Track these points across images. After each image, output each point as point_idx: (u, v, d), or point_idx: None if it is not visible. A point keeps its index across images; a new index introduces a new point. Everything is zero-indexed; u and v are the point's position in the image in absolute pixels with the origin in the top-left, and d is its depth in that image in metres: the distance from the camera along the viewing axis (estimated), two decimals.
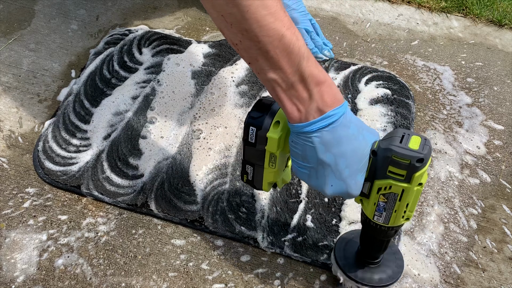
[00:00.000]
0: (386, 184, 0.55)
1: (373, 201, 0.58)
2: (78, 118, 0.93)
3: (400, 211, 0.57)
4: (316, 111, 0.53)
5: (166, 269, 0.75)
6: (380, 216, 0.59)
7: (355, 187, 0.56)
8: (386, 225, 0.60)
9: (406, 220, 0.59)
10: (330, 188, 0.56)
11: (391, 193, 0.56)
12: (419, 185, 0.55)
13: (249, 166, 0.64)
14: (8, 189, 0.84)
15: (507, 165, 0.88)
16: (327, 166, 0.55)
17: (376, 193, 0.57)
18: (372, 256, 0.67)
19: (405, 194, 0.55)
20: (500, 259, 0.77)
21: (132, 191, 0.82)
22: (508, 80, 1.02)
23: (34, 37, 1.09)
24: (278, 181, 0.65)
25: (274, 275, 0.74)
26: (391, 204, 0.57)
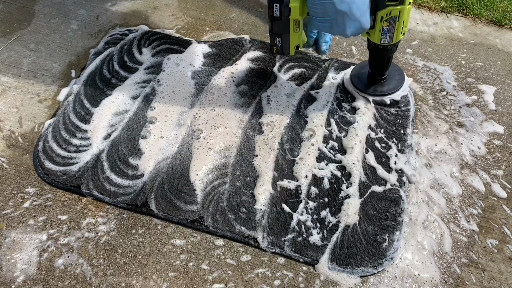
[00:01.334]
0: (386, 12, 0.75)
1: (378, 28, 0.78)
2: (78, 118, 0.93)
3: (399, 29, 0.78)
4: None
5: (166, 269, 0.75)
6: (385, 38, 0.79)
7: (366, 22, 0.75)
8: (390, 43, 0.81)
9: (403, 35, 0.80)
10: (349, 29, 0.74)
11: (392, 17, 0.75)
12: (409, 4, 0.74)
13: (277, 38, 0.81)
14: (8, 189, 0.84)
15: (507, 165, 0.88)
16: (344, 14, 0.72)
17: (380, 21, 0.76)
18: (380, 73, 0.92)
19: (401, 14, 0.75)
20: (500, 259, 0.77)
21: (132, 191, 0.82)
22: (508, 80, 1.02)
23: (34, 37, 1.09)
24: (299, 43, 0.83)
25: (274, 275, 0.74)
26: (392, 26, 0.77)
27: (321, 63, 1.02)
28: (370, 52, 0.87)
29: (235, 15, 1.15)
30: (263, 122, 0.92)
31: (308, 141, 0.89)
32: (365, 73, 0.95)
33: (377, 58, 0.87)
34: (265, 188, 0.82)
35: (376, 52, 0.85)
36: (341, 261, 0.75)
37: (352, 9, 0.72)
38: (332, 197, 0.82)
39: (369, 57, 0.89)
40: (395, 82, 0.94)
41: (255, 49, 1.05)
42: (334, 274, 0.74)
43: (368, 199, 0.81)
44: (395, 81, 0.94)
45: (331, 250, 0.76)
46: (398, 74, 0.95)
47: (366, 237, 0.77)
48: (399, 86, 0.93)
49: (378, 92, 0.93)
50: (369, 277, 0.74)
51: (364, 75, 0.95)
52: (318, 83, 0.98)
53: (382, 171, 0.85)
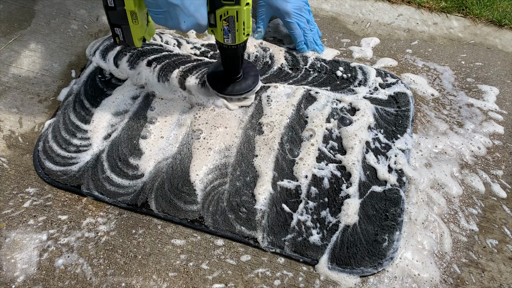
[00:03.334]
0: (224, 11, 0.73)
1: (220, 27, 0.76)
2: (78, 118, 0.93)
3: (240, 29, 0.76)
4: None
5: (166, 269, 0.75)
6: (228, 38, 0.77)
7: (202, 18, 0.72)
8: (234, 44, 0.78)
9: (247, 36, 0.78)
10: (184, 24, 0.72)
11: (230, 17, 0.73)
12: (246, 4, 0.73)
13: (117, 28, 0.77)
14: (8, 189, 0.84)
15: (507, 165, 0.88)
16: (176, 7, 0.70)
17: (220, 20, 0.74)
18: (233, 72, 0.89)
19: (239, 14, 0.73)
20: (500, 259, 0.77)
21: (132, 191, 0.82)
22: (508, 80, 1.02)
23: (34, 37, 1.09)
24: (145, 35, 0.79)
25: (274, 275, 0.74)
26: (232, 26, 0.75)
27: (319, 61, 1.02)
28: (220, 53, 0.85)
29: None
30: (263, 122, 0.92)
31: (308, 141, 0.89)
32: (220, 73, 0.93)
33: (227, 58, 0.85)
34: (265, 188, 0.82)
35: (224, 52, 0.83)
36: (341, 261, 0.75)
37: (184, 3, 0.69)
38: (332, 197, 0.82)
39: (220, 57, 0.87)
40: (250, 81, 0.93)
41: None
42: (334, 274, 0.74)
43: (368, 199, 0.81)
44: (250, 80, 0.93)
45: (331, 250, 0.76)
46: (253, 71, 0.94)
47: (366, 237, 0.77)
48: (255, 83, 0.92)
49: (235, 92, 0.91)
50: (369, 277, 0.74)
51: (219, 74, 0.93)
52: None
53: (382, 171, 0.85)
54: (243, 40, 0.78)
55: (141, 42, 0.80)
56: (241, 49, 0.81)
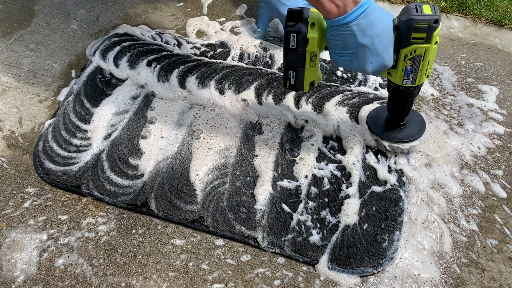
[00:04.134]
0: (411, 50, 0.69)
1: (401, 68, 0.72)
2: (78, 118, 0.93)
3: (423, 70, 0.72)
4: (352, 3, 0.63)
5: (166, 269, 0.75)
6: (408, 79, 0.73)
7: (389, 59, 0.69)
8: (413, 85, 0.74)
9: (426, 77, 0.74)
10: (370, 65, 0.69)
11: (416, 56, 0.69)
12: (435, 43, 0.69)
13: (291, 71, 0.74)
14: (8, 189, 0.84)
15: (507, 165, 0.88)
16: (366, 48, 0.66)
17: (403, 60, 0.71)
18: (399, 119, 0.85)
19: (427, 53, 0.69)
20: (500, 259, 0.77)
21: (132, 191, 0.82)
22: (508, 80, 1.02)
23: (34, 37, 1.09)
24: (314, 79, 0.77)
25: (274, 275, 0.74)
26: (416, 66, 0.71)
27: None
28: (390, 94, 0.81)
29: (236, 15, 1.15)
30: (263, 122, 0.92)
31: (308, 141, 0.89)
32: (382, 117, 0.88)
33: (396, 101, 0.81)
34: (265, 188, 0.82)
35: (396, 94, 0.79)
36: (341, 261, 0.75)
37: (374, 43, 0.66)
38: (332, 197, 0.82)
39: (388, 99, 0.82)
40: (415, 128, 0.87)
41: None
42: (334, 274, 0.74)
43: (368, 199, 0.81)
44: (415, 128, 0.87)
45: (331, 250, 0.76)
46: (419, 121, 0.89)
47: (366, 237, 0.77)
48: (419, 134, 0.87)
49: (398, 138, 0.86)
50: (369, 277, 0.74)
51: (381, 118, 0.88)
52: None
53: (382, 171, 0.85)
54: (423, 81, 0.74)
55: (308, 87, 0.77)
56: (417, 92, 0.77)
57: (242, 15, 1.15)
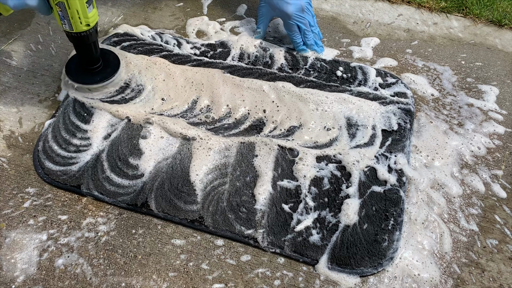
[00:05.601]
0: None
1: (56, 13, 0.74)
2: (78, 118, 0.93)
3: (75, 18, 0.74)
4: None
5: (166, 269, 0.75)
6: (65, 24, 0.76)
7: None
8: (73, 31, 0.76)
9: (87, 26, 0.75)
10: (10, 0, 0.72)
11: (60, 2, 0.71)
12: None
13: None
14: (8, 189, 0.84)
15: (507, 165, 0.88)
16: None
17: (54, 4, 0.73)
18: (88, 62, 0.87)
19: (69, 2, 0.71)
20: (500, 259, 0.77)
21: (132, 191, 0.82)
22: (508, 80, 1.02)
23: (34, 37, 1.09)
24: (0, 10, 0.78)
25: (274, 275, 0.74)
26: (65, 13, 0.73)
27: (318, 61, 1.02)
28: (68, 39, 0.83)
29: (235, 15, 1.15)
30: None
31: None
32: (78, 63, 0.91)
33: (76, 47, 0.83)
34: (265, 188, 0.82)
35: (70, 39, 0.81)
36: (341, 261, 0.75)
37: None
38: (332, 197, 0.82)
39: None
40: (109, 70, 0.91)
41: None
42: (334, 274, 0.74)
43: (368, 199, 0.81)
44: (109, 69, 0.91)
45: (331, 250, 0.76)
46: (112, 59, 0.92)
47: (366, 237, 0.77)
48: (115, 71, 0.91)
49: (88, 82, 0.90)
50: (369, 277, 0.74)
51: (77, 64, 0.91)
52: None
53: (382, 171, 0.85)
54: (81, 29, 0.75)
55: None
56: (85, 38, 0.78)
57: (242, 15, 1.15)
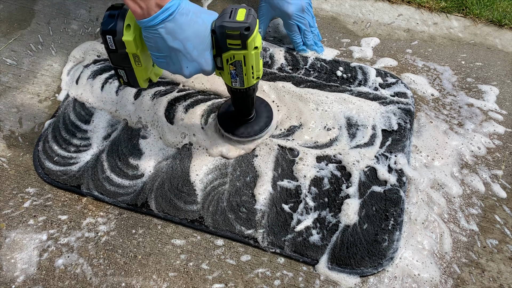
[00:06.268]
0: (230, 55, 0.67)
1: (227, 71, 0.70)
2: (78, 118, 0.93)
3: (248, 73, 0.70)
4: (155, 6, 0.60)
5: (166, 269, 0.75)
6: (236, 82, 0.72)
7: (206, 64, 0.67)
8: (243, 87, 0.73)
9: (257, 79, 0.72)
10: (186, 69, 0.67)
11: (236, 61, 0.67)
12: (255, 48, 0.66)
13: (120, 70, 0.71)
14: (8, 189, 0.84)
15: (507, 165, 0.88)
16: (178, 52, 0.64)
17: (226, 64, 0.68)
18: (244, 114, 0.84)
19: (246, 59, 0.67)
20: (500, 259, 0.77)
21: (132, 191, 0.82)
22: (508, 80, 1.02)
23: (34, 37, 1.09)
24: (151, 76, 0.74)
25: (274, 275, 0.74)
26: (239, 70, 0.69)
27: (318, 61, 1.02)
28: (229, 93, 0.79)
29: None
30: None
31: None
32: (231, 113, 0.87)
33: (236, 100, 0.80)
34: (265, 188, 0.82)
35: (233, 95, 0.78)
36: (341, 261, 0.75)
37: (186, 47, 0.64)
38: (332, 197, 0.82)
39: (231, 98, 0.81)
40: (263, 122, 0.87)
41: None
42: (334, 274, 0.74)
43: (368, 199, 0.81)
44: (262, 122, 0.87)
45: (331, 250, 0.76)
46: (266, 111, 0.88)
47: (366, 237, 0.77)
48: (267, 125, 0.87)
49: (245, 135, 0.85)
50: (369, 277, 0.74)
51: (230, 114, 0.87)
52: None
53: (382, 171, 0.85)
54: (252, 83, 0.73)
55: (147, 83, 0.74)
56: (251, 91, 0.76)
57: None
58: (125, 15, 0.64)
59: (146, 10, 0.60)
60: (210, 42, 0.66)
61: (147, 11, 0.60)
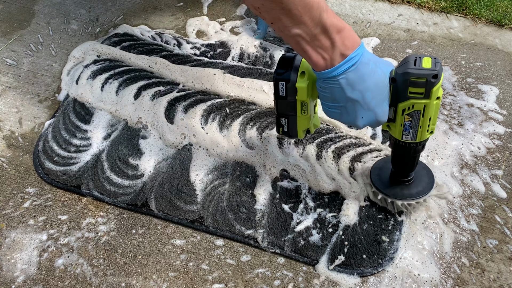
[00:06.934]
0: (409, 104, 0.63)
1: (399, 122, 0.65)
2: (78, 118, 0.93)
3: (424, 126, 0.65)
4: (340, 56, 0.58)
5: (166, 269, 0.75)
6: (408, 135, 0.67)
7: (383, 114, 0.64)
8: (414, 141, 0.67)
9: (430, 133, 0.67)
10: (361, 120, 0.63)
11: (415, 111, 0.63)
12: (437, 99, 0.62)
13: (283, 118, 0.71)
14: (8, 189, 0.84)
15: (507, 165, 0.88)
16: (356, 102, 0.61)
17: (401, 115, 0.64)
18: (405, 174, 0.76)
19: (426, 109, 0.63)
20: (500, 259, 0.77)
21: (132, 191, 0.82)
22: (508, 80, 1.02)
23: (34, 37, 1.09)
24: (310, 127, 0.73)
25: (274, 275, 0.74)
26: (416, 121, 0.65)
27: None
28: (392, 149, 0.73)
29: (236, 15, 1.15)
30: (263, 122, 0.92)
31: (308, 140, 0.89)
32: (387, 171, 0.79)
33: (399, 157, 0.74)
34: (265, 188, 0.82)
35: (398, 150, 0.72)
36: (341, 261, 0.75)
37: (365, 97, 0.61)
38: (332, 197, 0.82)
39: (391, 153, 0.75)
40: (423, 184, 0.78)
41: None
42: (334, 274, 0.74)
43: (368, 199, 0.81)
44: (422, 184, 0.78)
45: (331, 250, 0.76)
46: (428, 176, 0.79)
47: (366, 237, 0.77)
48: (426, 191, 0.78)
49: (405, 196, 0.78)
50: (369, 277, 0.74)
51: (386, 172, 0.79)
52: None
53: None
54: (425, 137, 0.67)
55: (305, 134, 0.73)
56: (420, 148, 0.70)
57: (242, 15, 1.15)
58: (299, 64, 0.65)
59: (329, 61, 0.59)
60: (388, 91, 0.63)
61: (330, 61, 0.59)
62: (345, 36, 0.58)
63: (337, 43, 0.57)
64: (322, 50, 0.58)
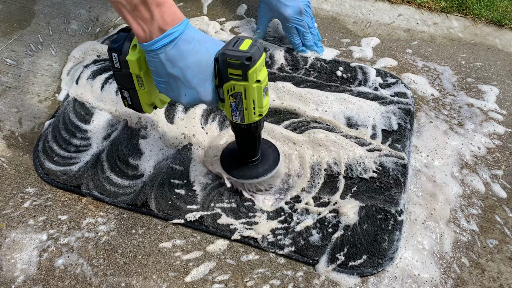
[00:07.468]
0: (230, 86, 0.63)
1: (228, 103, 0.66)
2: (78, 118, 0.93)
3: (250, 108, 0.65)
4: (158, 30, 0.59)
5: (166, 269, 0.75)
6: (236, 116, 0.67)
7: (205, 94, 0.64)
8: (243, 123, 0.68)
9: (259, 116, 0.67)
10: (184, 97, 0.65)
11: (237, 93, 0.64)
12: (257, 82, 0.62)
13: (124, 90, 0.70)
14: (8, 189, 0.84)
15: (507, 165, 0.88)
16: (177, 79, 0.62)
17: (227, 95, 0.65)
18: (248, 155, 0.77)
19: (247, 91, 0.63)
20: (500, 259, 0.77)
21: (132, 191, 0.82)
22: (508, 80, 1.02)
23: (34, 37, 1.09)
24: (156, 102, 0.72)
25: (274, 275, 0.74)
26: (239, 103, 0.65)
27: (318, 61, 1.02)
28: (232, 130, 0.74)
29: (235, 15, 1.15)
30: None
31: None
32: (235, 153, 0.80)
33: (238, 138, 0.75)
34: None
35: (235, 131, 0.73)
36: (341, 261, 0.75)
37: (186, 75, 0.61)
38: (332, 197, 0.82)
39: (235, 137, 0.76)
40: (267, 165, 0.79)
41: None
42: (334, 274, 0.74)
43: (368, 199, 0.81)
44: (267, 164, 0.79)
45: (331, 250, 0.76)
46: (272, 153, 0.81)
47: (366, 237, 0.77)
48: (271, 169, 0.79)
49: (246, 177, 0.79)
50: (369, 277, 0.74)
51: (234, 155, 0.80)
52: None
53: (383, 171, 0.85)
54: (253, 120, 0.68)
55: (151, 109, 0.73)
56: (254, 129, 0.70)
57: (242, 15, 1.15)
58: (134, 36, 0.65)
59: (148, 33, 0.59)
60: (212, 72, 0.63)
61: (149, 34, 0.59)
62: (165, 11, 0.58)
63: (155, 16, 0.58)
64: (142, 22, 0.59)
